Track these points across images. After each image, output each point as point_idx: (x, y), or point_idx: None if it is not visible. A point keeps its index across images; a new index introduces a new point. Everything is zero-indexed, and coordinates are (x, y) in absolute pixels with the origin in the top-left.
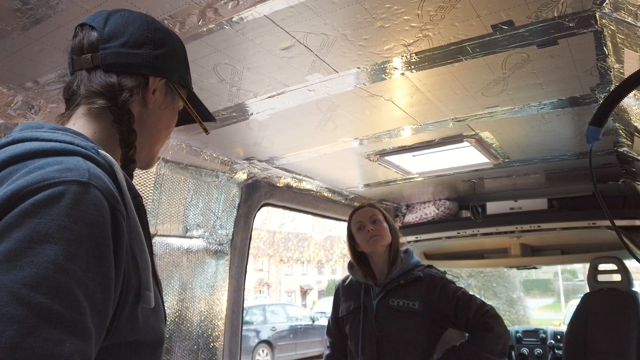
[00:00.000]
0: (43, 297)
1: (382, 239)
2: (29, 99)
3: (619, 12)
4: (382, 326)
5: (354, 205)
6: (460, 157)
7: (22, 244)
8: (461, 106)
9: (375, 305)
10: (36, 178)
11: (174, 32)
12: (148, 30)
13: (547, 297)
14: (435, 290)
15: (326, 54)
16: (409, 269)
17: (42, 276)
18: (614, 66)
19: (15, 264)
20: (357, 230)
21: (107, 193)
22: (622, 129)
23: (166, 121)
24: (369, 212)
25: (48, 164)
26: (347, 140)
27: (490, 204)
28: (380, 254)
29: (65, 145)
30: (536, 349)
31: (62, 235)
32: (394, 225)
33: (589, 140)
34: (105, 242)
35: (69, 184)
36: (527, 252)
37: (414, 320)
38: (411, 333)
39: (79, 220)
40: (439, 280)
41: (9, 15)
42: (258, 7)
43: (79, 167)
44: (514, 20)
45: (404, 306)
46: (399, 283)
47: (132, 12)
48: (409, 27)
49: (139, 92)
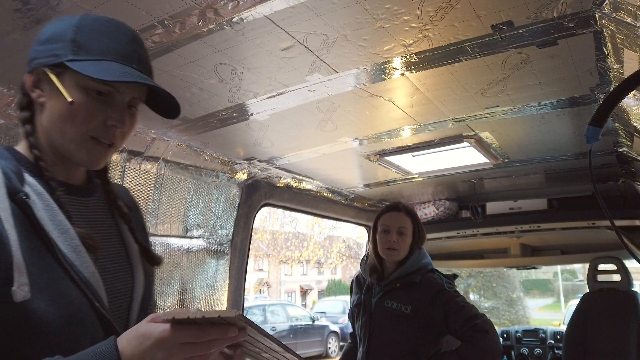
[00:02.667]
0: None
1: (398, 254)
2: None
3: (618, 13)
4: (376, 325)
5: (354, 206)
6: (460, 157)
7: None
8: (461, 106)
9: (374, 304)
10: None
11: (74, 22)
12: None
13: (546, 297)
14: (428, 296)
15: (326, 55)
16: (411, 272)
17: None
18: (614, 66)
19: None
20: (381, 232)
21: None
22: (622, 129)
23: (57, 109)
24: (400, 221)
25: None
26: (347, 140)
27: (490, 204)
28: (393, 262)
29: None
30: (536, 349)
31: None
32: (420, 235)
33: (589, 140)
34: None
35: None
36: (526, 252)
37: (404, 324)
38: (400, 336)
39: None
40: (435, 286)
41: (10, 16)
42: (258, 7)
43: None
44: (514, 20)
45: (396, 309)
46: (395, 285)
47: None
48: (409, 28)
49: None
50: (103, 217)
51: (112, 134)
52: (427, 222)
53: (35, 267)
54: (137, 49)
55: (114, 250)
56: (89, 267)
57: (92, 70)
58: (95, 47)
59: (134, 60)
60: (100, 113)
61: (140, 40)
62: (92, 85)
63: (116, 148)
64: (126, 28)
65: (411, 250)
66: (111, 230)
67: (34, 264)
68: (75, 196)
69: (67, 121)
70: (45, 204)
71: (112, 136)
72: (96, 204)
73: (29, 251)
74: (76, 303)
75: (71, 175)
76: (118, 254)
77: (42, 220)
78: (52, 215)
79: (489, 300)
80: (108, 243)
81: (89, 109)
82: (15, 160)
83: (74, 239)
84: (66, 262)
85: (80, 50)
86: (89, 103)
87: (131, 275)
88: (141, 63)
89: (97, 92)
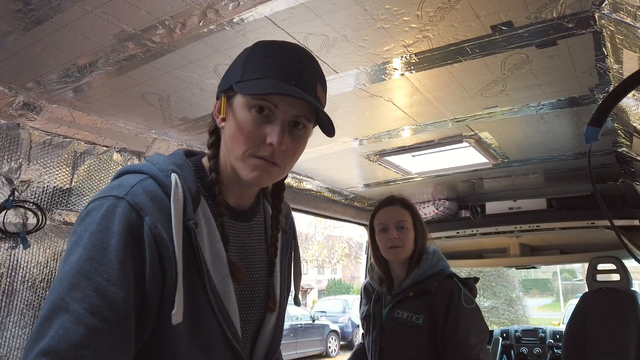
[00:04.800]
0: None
1: (404, 250)
2: (30, 99)
3: (618, 13)
4: (387, 338)
5: (354, 205)
6: (460, 157)
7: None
8: (460, 107)
9: (385, 315)
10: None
11: (250, 48)
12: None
13: (546, 296)
14: (444, 307)
15: (326, 55)
16: (424, 278)
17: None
18: (613, 67)
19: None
20: (379, 232)
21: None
22: (621, 129)
23: (229, 130)
24: (397, 215)
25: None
26: (347, 140)
27: (489, 203)
28: (400, 262)
29: (141, 166)
30: (535, 349)
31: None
32: (422, 227)
33: (588, 140)
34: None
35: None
36: (526, 251)
37: (416, 336)
38: (413, 349)
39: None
40: (451, 296)
41: (11, 16)
42: (259, 8)
43: (125, 184)
44: (513, 21)
45: (407, 319)
46: (407, 294)
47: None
48: (409, 28)
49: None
50: (256, 242)
51: (270, 152)
52: (426, 221)
53: (187, 292)
54: (299, 67)
55: (257, 275)
56: (231, 298)
57: (248, 88)
58: (259, 68)
59: (293, 77)
60: (259, 130)
61: (307, 59)
62: (252, 103)
63: (283, 169)
64: (295, 48)
65: (416, 245)
66: (261, 255)
67: (187, 289)
68: (236, 221)
69: (233, 140)
70: (209, 229)
71: (272, 155)
72: (253, 229)
73: (185, 277)
74: (210, 332)
75: (242, 198)
76: (259, 281)
77: (202, 247)
78: (212, 242)
79: (489, 299)
80: (253, 269)
81: (249, 127)
82: (196, 177)
83: (225, 268)
84: (211, 292)
85: (246, 72)
86: (250, 121)
87: (265, 303)
88: (301, 79)
89: (257, 110)
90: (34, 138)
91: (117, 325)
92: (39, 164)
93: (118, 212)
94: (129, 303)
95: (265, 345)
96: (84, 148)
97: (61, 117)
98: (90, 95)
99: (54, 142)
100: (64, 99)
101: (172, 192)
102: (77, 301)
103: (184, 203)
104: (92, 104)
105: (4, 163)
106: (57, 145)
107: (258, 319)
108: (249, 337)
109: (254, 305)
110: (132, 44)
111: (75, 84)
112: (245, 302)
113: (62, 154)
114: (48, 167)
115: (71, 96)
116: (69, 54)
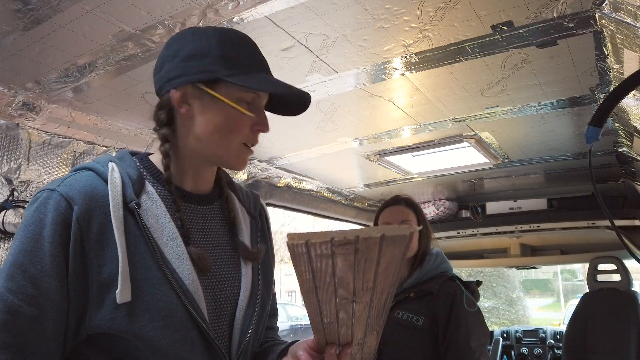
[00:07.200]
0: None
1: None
2: (29, 99)
3: (618, 13)
4: (386, 339)
5: (354, 205)
6: (460, 157)
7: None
8: (461, 106)
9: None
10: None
11: (193, 27)
12: (166, 48)
13: (546, 296)
14: (445, 310)
15: (326, 55)
16: (427, 279)
17: None
18: (614, 66)
19: None
20: None
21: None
22: (622, 129)
23: (211, 121)
24: (401, 215)
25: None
26: (347, 140)
27: (489, 204)
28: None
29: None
30: (536, 349)
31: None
32: (427, 227)
33: (589, 140)
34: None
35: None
36: (526, 252)
37: (415, 337)
38: (411, 350)
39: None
40: (453, 299)
41: (10, 16)
42: (258, 7)
43: (61, 179)
44: (514, 20)
45: (407, 320)
46: (409, 295)
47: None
48: (409, 28)
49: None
50: (218, 225)
51: (256, 137)
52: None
53: (138, 272)
54: (260, 53)
55: (224, 257)
56: (190, 275)
57: (251, 82)
58: (241, 60)
59: (267, 67)
60: (249, 120)
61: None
62: (244, 96)
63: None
64: (248, 37)
65: (420, 245)
66: (224, 238)
67: (137, 269)
68: (194, 204)
69: (223, 132)
70: (159, 211)
71: (256, 139)
72: (215, 212)
73: (134, 257)
74: (171, 308)
75: (199, 185)
76: (228, 262)
77: (150, 227)
78: (163, 223)
79: (489, 299)
80: (218, 250)
81: (242, 118)
82: (141, 167)
83: (180, 247)
84: (167, 269)
85: (231, 64)
86: (242, 112)
87: (238, 282)
88: (268, 65)
89: (246, 102)
90: (33, 138)
91: (55, 314)
92: (39, 164)
93: (50, 203)
94: (64, 292)
95: (243, 322)
96: (83, 148)
97: (61, 117)
98: (89, 95)
99: (54, 142)
100: (64, 99)
101: (109, 177)
102: (13, 292)
103: (123, 187)
104: (92, 104)
105: (4, 163)
106: (56, 145)
107: (233, 299)
108: (225, 317)
109: (226, 286)
110: (132, 43)
111: (75, 83)
112: (215, 283)
113: (62, 154)
114: (47, 167)
115: (71, 96)
116: (68, 54)
